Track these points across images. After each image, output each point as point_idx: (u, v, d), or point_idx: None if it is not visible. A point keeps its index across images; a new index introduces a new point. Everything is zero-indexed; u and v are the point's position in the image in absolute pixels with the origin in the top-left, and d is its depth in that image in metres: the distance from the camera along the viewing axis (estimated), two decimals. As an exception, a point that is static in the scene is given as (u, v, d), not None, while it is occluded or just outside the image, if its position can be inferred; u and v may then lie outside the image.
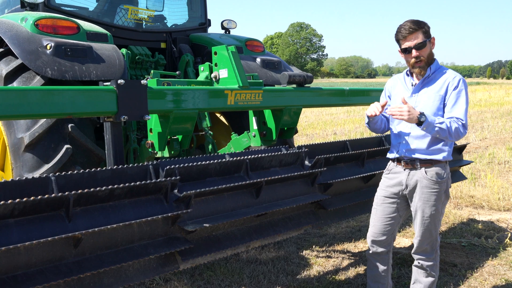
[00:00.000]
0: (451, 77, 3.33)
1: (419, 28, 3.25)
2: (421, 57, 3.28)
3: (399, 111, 3.16)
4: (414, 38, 3.25)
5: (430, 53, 3.33)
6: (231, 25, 5.79)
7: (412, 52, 3.28)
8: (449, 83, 3.30)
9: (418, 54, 3.27)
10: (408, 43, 3.28)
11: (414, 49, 3.27)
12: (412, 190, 3.42)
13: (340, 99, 4.75)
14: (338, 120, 19.28)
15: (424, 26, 3.29)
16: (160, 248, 2.67)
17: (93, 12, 5.13)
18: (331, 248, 5.31)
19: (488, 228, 5.85)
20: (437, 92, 3.32)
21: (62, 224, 2.36)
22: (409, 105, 3.16)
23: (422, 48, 3.27)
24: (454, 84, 3.30)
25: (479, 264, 4.75)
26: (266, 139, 4.40)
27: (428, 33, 3.30)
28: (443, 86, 3.32)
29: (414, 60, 3.30)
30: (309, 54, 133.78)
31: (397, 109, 3.17)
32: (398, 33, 3.31)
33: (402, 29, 3.28)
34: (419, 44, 3.26)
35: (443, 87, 3.31)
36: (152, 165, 2.85)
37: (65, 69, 3.70)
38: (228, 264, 4.81)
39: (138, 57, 4.92)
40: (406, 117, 3.14)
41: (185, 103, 3.52)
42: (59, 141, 3.73)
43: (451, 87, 3.29)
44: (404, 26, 3.28)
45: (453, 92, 3.28)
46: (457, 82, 3.30)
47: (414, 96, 3.40)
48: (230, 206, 3.08)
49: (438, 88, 3.33)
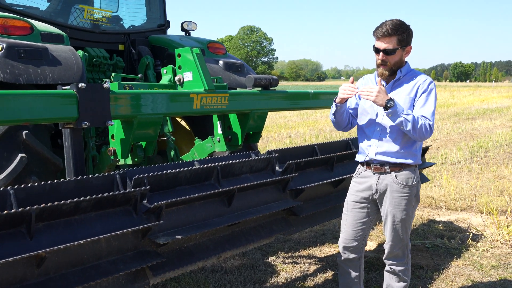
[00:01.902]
0: (421, 80, 3.30)
1: (395, 34, 3.16)
2: (387, 62, 3.23)
3: (369, 91, 3.11)
4: (386, 42, 3.19)
5: (399, 60, 3.26)
6: (191, 26, 5.62)
7: (380, 54, 3.23)
8: (420, 85, 3.27)
9: (384, 58, 3.22)
10: (379, 43, 3.21)
11: (382, 53, 3.21)
12: (382, 194, 3.37)
13: (305, 102, 4.68)
14: (292, 123, 19.34)
15: (402, 34, 3.18)
16: (130, 264, 2.50)
17: (46, 12, 4.84)
18: (296, 254, 5.23)
19: (449, 228, 5.92)
20: (408, 94, 3.28)
21: (23, 242, 2.15)
22: (381, 88, 3.10)
23: (390, 54, 3.21)
24: (424, 86, 3.27)
25: (444, 265, 4.78)
26: (231, 144, 4.27)
27: (404, 41, 3.20)
28: (414, 88, 3.28)
29: (380, 62, 3.25)
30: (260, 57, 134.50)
31: (367, 89, 3.12)
32: (375, 30, 3.23)
33: (379, 29, 3.19)
34: (388, 50, 3.20)
35: (413, 90, 3.28)
36: (118, 174, 2.67)
37: (18, 72, 3.44)
38: (192, 274, 4.63)
39: (96, 60, 4.68)
40: (374, 97, 3.08)
41: (149, 108, 3.35)
42: (13, 149, 3.46)
43: (421, 89, 3.26)
44: (382, 26, 3.19)
45: (423, 94, 3.26)
46: (427, 85, 3.27)
47: None
48: (202, 215, 2.93)
49: (408, 90, 3.29)
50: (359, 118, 3.50)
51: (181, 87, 4.01)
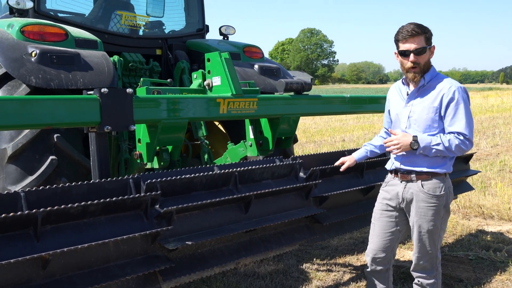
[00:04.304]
0: (446, 87, 3.11)
1: (422, 33, 3.06)
2: (418, 63, 3.09)
3: (392, 144, 3.16)
4: (415, 42, 3.05)
5: (427, 61, 3.13)
6: (229, 31, 5.63)
7: (410, 56, 3.09)
8: (444, 94, 3.09)
9: (415, 59, 3.07)
10: (407, 45, 3.08)
11: (413, 54, 3.07)
12: (408, 203, 3.23)
13: (339, 107, 4.58)
14: (347, 126, 19.06)
15: (428, 32, 3.09)
16: (139, 268, 2.51)
17: (86, 18, 5.00)
18: (332, 261, 5.11)
19: (497, 240, 5.61)
20: (431, 103, 3.12)
21: (30, 244, 2.21)
22: (397, 137, 3.13)
23: (421, 54, 3.07)
24: (449, 95, 3.08)
25: (486, 279, 4.53)
26: (262, 148, 4.24)
27: (429, 40, 3.11)
28: (438, 97, 3.11)
29: (411, 65, 3.10)
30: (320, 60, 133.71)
31: (389, 143, 3.18)
32: (399, 34, 3.11)
33: (404, 30, 3.07)
34: (419, 49, 3.07)
35: (437, 99, 3.11)
36: (132, 179, 2.70)
37: (50, 77, 3.56)
38: (225, 278, 4.63)
39: (131, 64, 4.77)
40: (398, 149, 3.13)
41: (173, 113, 3.37)
42: (44, 152, 3.59)
43: (446, 99, 3.08)
44: (406, 27, 3.08)
45: (451, 105, 3.07)
46: (452, 93, 3.07)
47: (408, 106, 3.22)
48: (217, 221, 2.91)
49: (432, 99, 3.12)
50: (391, 123, 3.39)
51: (210, 92, 4.02)
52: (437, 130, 3.12)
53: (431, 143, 3.04)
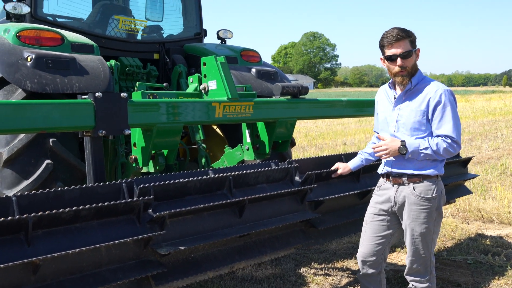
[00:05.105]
0: (433, 90, 3.12)
1: (407, 37, 3.09)
2: (406, 67, 3.10)
3: (381, 150, 3.19)
4: (400, 46, 3.08)
5: (414, 64, 3.15)
6: (227, 35, 5.64)
7: (397, 60, 3.10)
8: (431, 97, 3.11)
9: (402, 63, 3.09)
10: (393, 50, 3.10)
11: (400, 58, 3.09)
12: (401, 207, 3.24)
13: (337, 111, 4.57)
14: (349, 130, 19.03)
15: (412, 35, 3.13)
16: (131, 273, 2.51)
17: (83, 23, 5.01)
18: (330, 265, 5.10)
19: (496, 244, 5.59)
20: (418, 107, 3.14)
21: (21, 249, 2.21)
22: (385, 142, 3.17)
23: (407, 57, 3.09)
24: (436, 98, 3.09)
25: (484, 283, 4.51)
26: (259, 152, 4.23)
27: (414, 43, 3.15)
28: (424, 100, 3.12)
29: (398, 69, 3.12)
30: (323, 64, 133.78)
31: (377, 149, 3.21)
32: (383, 39, 3.13)
33: (389, 35, 3.10)
34: (405, 53, 3.09)
35: (424, 102, 3.12)
36: (125, 183, 2.70)
37: (45, 82, 3.57)
38: (222, 282, 4.62)
39: (128, 69, 4.78)
40: (386, 154, 3.17)
41: (168, 116, 3.37)
42: (40, 156, 3.59)
43: (433, 102, 3.10)
44: (391, 32, 3.10)
45: (438, 108, 3.09)
46: (439, 96, 3.09)
47: (396, 110, 3.24)
48: (210, 226, 2.90)
49: (419, 102, 3.14)
50: (380, 127, 3.40)
51: (206, 96, 4.02)
52: (425, 133, 3.13)
53: (419, 147, 3.06)
